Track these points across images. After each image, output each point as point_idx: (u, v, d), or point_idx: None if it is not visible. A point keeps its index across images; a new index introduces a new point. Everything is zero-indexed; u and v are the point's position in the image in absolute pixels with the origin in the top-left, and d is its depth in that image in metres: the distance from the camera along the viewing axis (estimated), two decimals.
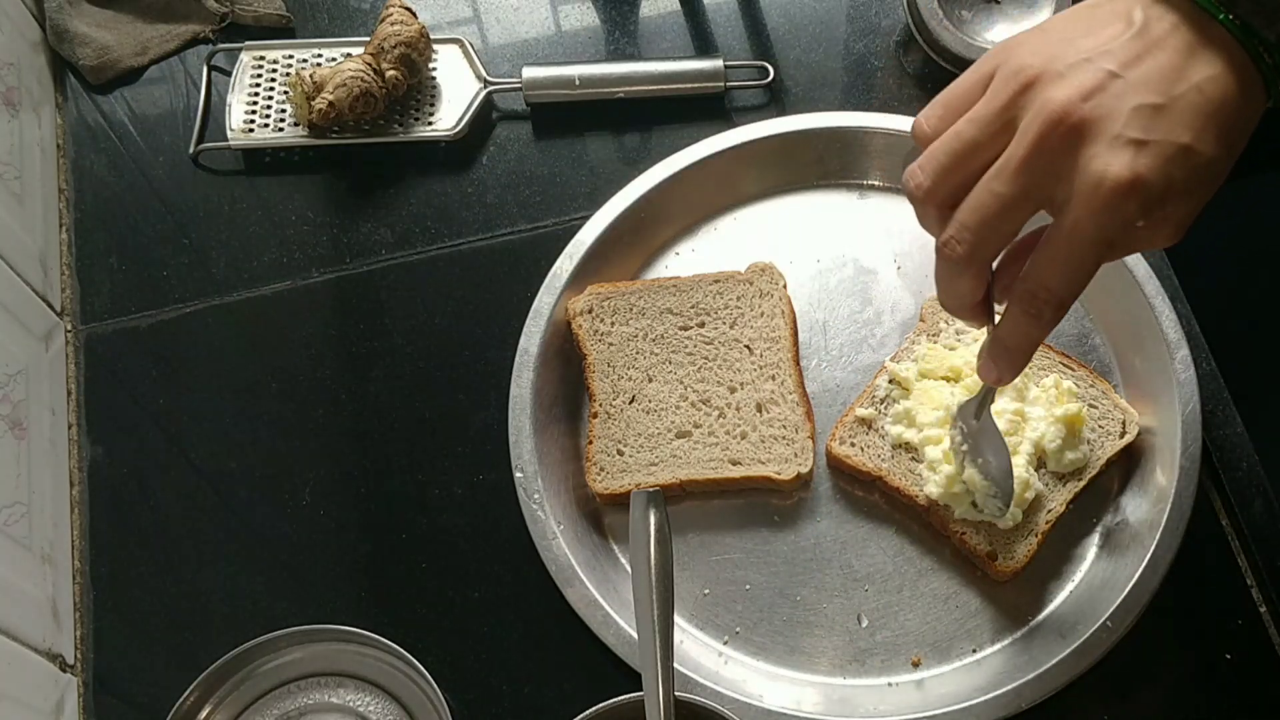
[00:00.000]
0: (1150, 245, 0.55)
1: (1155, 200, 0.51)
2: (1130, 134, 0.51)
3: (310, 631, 0.69)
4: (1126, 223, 0.52)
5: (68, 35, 0.90)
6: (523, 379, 0.77)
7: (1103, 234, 0.52)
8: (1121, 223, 0.52)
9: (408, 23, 0.86)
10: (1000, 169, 0.53)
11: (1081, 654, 0.68)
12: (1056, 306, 0.55)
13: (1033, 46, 0.54)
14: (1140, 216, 0.52)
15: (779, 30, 0.92)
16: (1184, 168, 0.51)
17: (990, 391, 0.67)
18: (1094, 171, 0.51)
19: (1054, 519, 0.72)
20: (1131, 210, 0.51)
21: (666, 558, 0.65)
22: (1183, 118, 0.52)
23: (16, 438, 0.73)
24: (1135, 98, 0.52)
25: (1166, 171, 0.51)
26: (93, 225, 0.86)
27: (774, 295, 0.79)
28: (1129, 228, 0.52)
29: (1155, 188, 0.51)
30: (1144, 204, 0.51)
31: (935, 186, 0.55)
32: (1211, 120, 0.52)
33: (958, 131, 0.55)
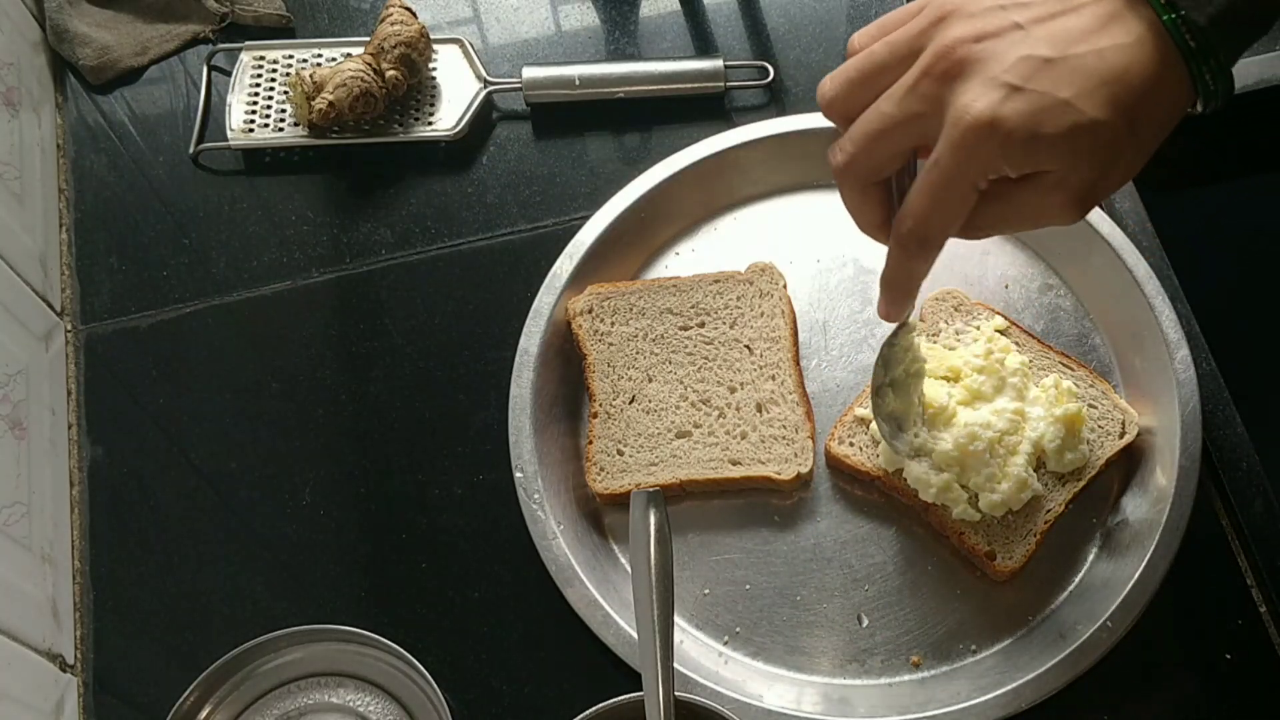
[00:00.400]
0: (1045, 214, 0.56)
1: (1018, 147, 0.52)
2: (1007, 78, 0.52)
3: (310, 631, 0.69)
4: (984, 163, 0.53)
5: (68, 35, 0.90)
6: (523, 379, 0.77)
7: (961, 172, 0.53)
8: (980, 163, 0.53)
9: (408, 23, 0.86)
10: (890, 92, 0.56)
11: (1081, 654, 0.68)
12: (920, 241, 0.57)
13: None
14: (1002, 161, 0.53)
15: (779, 30, 0.92)
16: (1058, 123, 0.52)
17: (896, 329, 0.68)
18: (959, 105, 0.53)
19: (1053, 519, 0.72)
20: (990, 151, 0.52)
21: (666, 558, 0.65)
22: (1070, 75, 0.52)
23: (16, 438, 0.73)
24: (1026, 48, 0.52)
25: (1035, 120, 0.51)
26: (93, 225, 0.86)
27: (774, 295, 0.79)
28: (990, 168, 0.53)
29: (1017, 133, 0.51)
30: (1004, 147, 0.52)
31: (835, 98, 0.58)
32: (1104, 85, 0.52)
33: (871, 51, 0.57)
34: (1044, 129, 0.52)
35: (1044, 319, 0.80)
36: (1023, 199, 0.55)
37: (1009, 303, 0.80)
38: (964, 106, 0.53)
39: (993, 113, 0.52)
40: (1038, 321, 0.80)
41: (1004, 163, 0.53)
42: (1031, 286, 0.81)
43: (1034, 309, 0.80)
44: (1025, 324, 0.78)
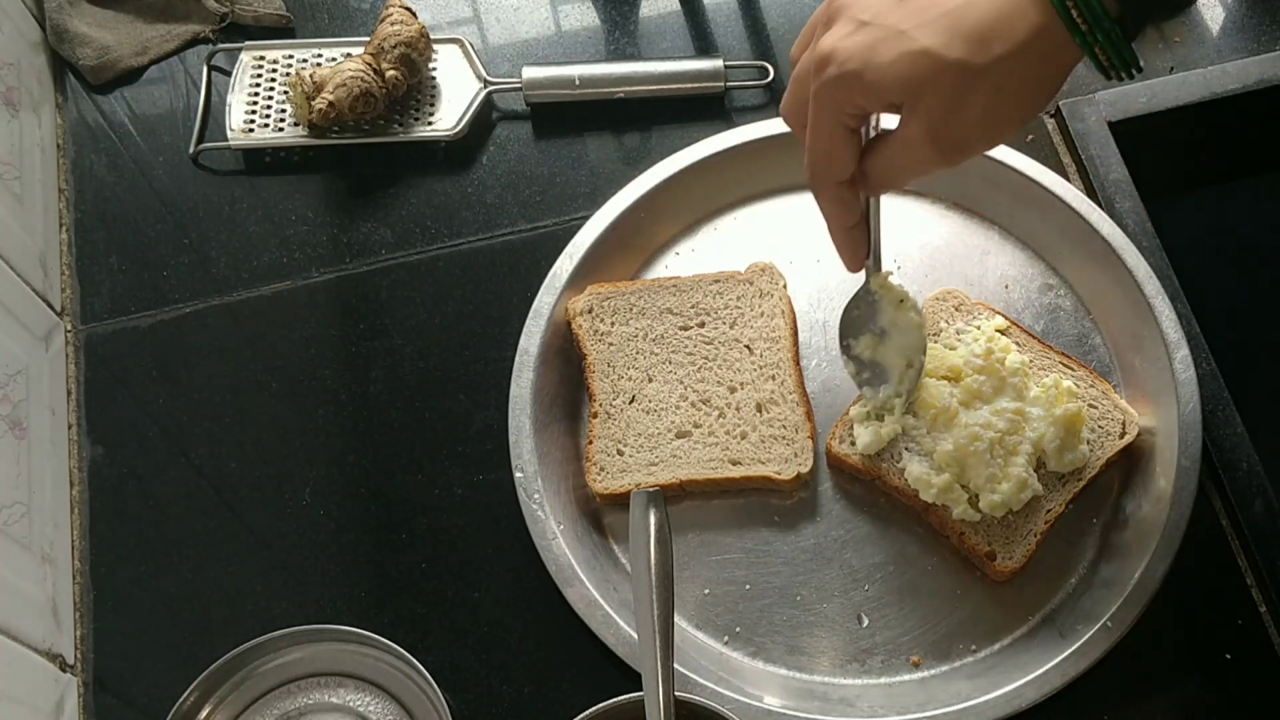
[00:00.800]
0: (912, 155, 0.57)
1: (851, 76, 0.55)
2: (860, 15, 0.55)
3: (310, 631, 0.69)
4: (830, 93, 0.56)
5: (68, 35, 0.90)
6: (523, 379, 0.77)
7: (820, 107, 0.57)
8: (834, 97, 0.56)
9: (408, 23, 0.86)
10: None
11: (1081, 654, 0.68)
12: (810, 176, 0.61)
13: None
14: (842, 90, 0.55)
15: (779, 30, 0.92)
16: (891, 52, 0.53)
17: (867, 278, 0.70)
18: (818, 44, 0.57)
19: (1053, 519, 0.72)
20: (828, 80, 0.55)
21: (666, 558, 0.65)
22: (916, 11, 0.54)
23: (16, 438, 0.73)
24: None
25: (870, 50, 0.54)
26: (93, 225, 0.86)
27: (774, 295, 0.79)
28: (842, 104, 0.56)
29: (850, 62, 0.54)
30: (839, 77, 0.55)
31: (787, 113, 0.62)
32: (945, 16, 0.53)
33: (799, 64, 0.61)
34: (876, 58, 0.54)
35: (1044, 319, 0.80)
36: (890, 143, 0.58)
37: (1009, 303, 0.80)
38: (819, 43, 0.56)
39: (832, 46, 0.55)
40: (1038, 321, 0.80)
41: (848, 94, 0.55)
42: (1031, 286, 0.81)
43: (1034, 309, 0.80)
44: (1025, 324, 0.78)
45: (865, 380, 0.73)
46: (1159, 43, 0.90)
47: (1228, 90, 0.87)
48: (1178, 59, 0.89)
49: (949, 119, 0.55)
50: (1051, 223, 0.81)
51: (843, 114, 0.57)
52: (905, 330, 0.71)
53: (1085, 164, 0.84)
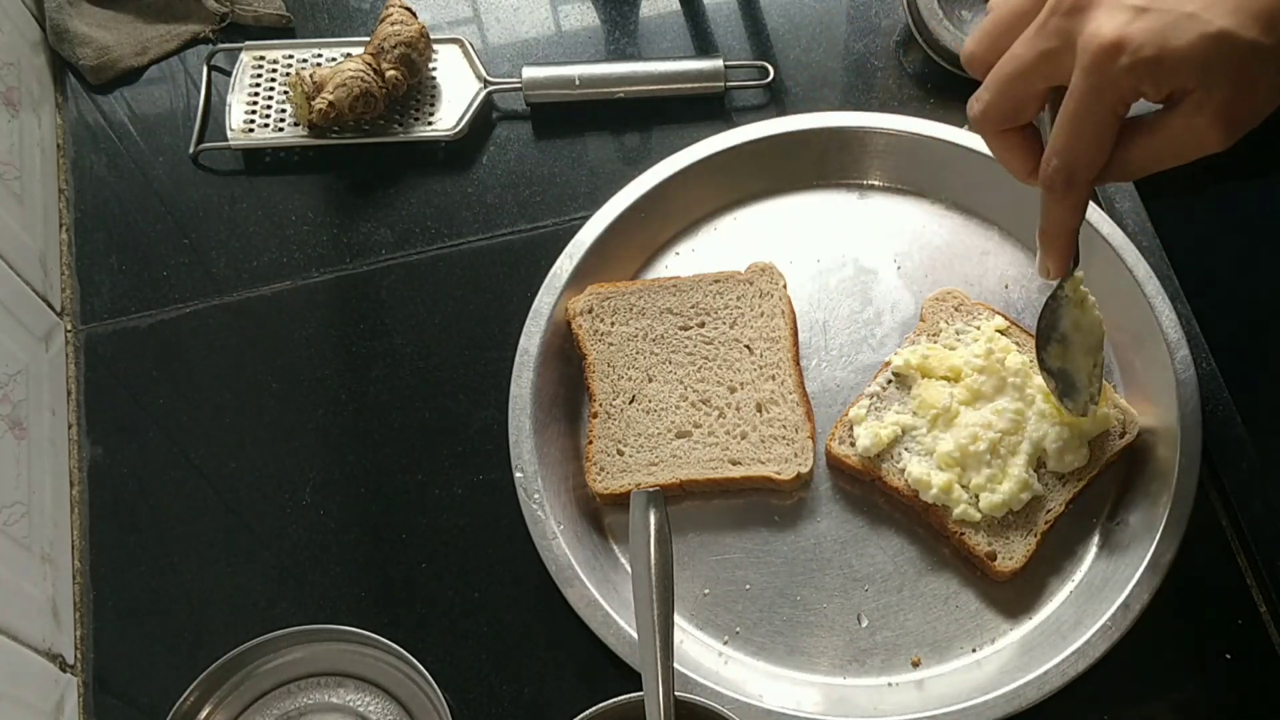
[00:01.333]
0: (1194, 140, 0.55)
1: (1147, 64, 0.52)
2: (1131, 2, 0.53)
3: (310, 631, 0.69)
4: (1118, 86, 0.53)
5: (68, 35, 0.90)
6: (523, 379, 0.77)
7: (1097, 97, 0.54)
8: (1114, 86, 0.54)
9: (408, 23, 0.86)
10: (1022, 35, 0.57)
11: (1081, 654, 0.68)
12: (1066, 178, 0.58)
13: None
14: (1134, 81, 0.53)
15: (779, 30, 0.92)
16: (1185, 35, 0.52)
17: (1061, 281, 0.67)
18: (1088, 32, 0.54)
19: (1053, 519, 0.72)
20: (1122, 73, 0.53)
21: (666, 558, 0.65)
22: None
23: (16, 438, 0.73)
24: None
25: (1162, 35, 0.52)
26: (93, 225, 0.86)
27: (774, 295, 0.79)
28: (1128, 94, 0.54)
29: (1145, 49, 0.52)
30: (1134, 67, 0.53)
31: (975, 52, 0.60)
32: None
33: (1006, 2, 0.59)
34: (1171, 43, 0.52)
35: None
36: (1169, 127, 0.55)
37: (1009, 303, 0.80)
38: (1092, 32, 0.53)
39: (1119, 33, 0.52)
40: None
41: (1137, 82, 0.53)
42: (1031, 286, 0.81)
43: (1034, 309, 0.80)
44: (1025, 324, 0.78)
45: (1059, 391, 0.70)
46: None
47: None
48: None
49: (1240, 99, 0.54)
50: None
51: (1121, 102, 0.55)
52: (1089, 330, 0.69)
53: None
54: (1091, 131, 0.56)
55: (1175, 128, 0.55)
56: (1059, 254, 0.63)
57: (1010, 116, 0.60)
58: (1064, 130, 0.56)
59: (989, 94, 0.59)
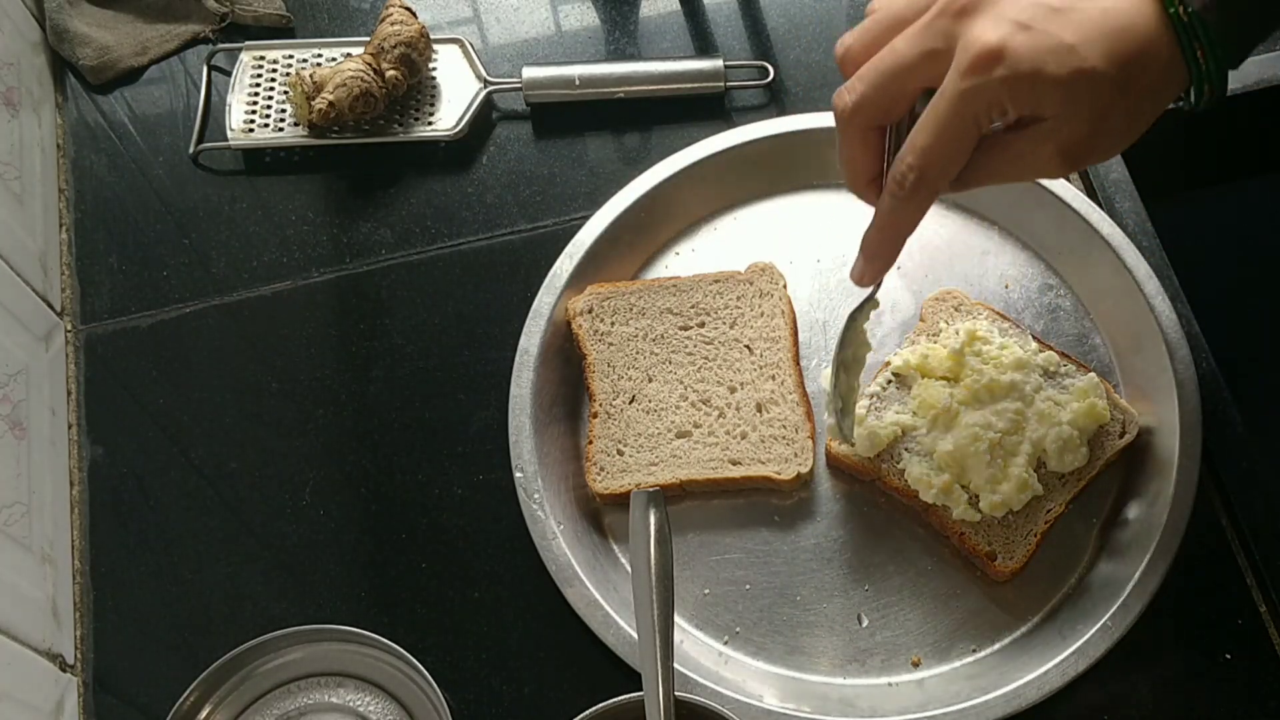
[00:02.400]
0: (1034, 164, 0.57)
1: (1022, 83, 0.53)
2: (1018, 17, 0.54)
3: (310, 631, 0.69)
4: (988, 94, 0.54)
5: (68, 35, 0.90)
6: (523, 379, 0.77)
7: (967, 102, 0.54)
8: (986, 95, 0.54)
9: (408, 23, 0.86)
10: (904, 31, 0.57)
11: (1081, 654, 0.68)
12: (919, 178, 0.57)
13: None
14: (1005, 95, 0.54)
15: (779, 30, 0.92)
16: (1061, 65, 0.53)
17: (866, 300, 0.68)
18: (971, 36, 0.54)
19: (1054, 519, 0.72)
20: (995, 83, 0.54)
21: (666, 558, 0.65)
22: (1076, 24, 0.53)
23: (16, 438, 0.73)
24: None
25: (1039, 56, 0.53)
26: (93, 225, 0.86)
27: (774, 295, 0.79)
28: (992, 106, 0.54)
29: (1022, 65, 0.53)
30: (1008, 81, 0.53)
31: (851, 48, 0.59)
32: (1106, 38, 0.53)
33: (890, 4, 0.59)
34: (1047, 68, 0.53)
35: (1044, 319, 0.80)
36: (1016, 146, 0.57)
37: (1009, 303, 0.80)
38: (975, 36, 0.54)
39: (1002, 42, 0.53)
40: (1038, 321, 0.80)
41: (1007, 97, 0.54)
42: (1031, 286, 0.81)
43: (1034, 309, 0.80)
44: (1025, 324, 0.78)
45: (839, 412, 0.72)
46: None
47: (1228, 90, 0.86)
48: None
49: (1089, 138, 0.55)
50: (1051, 223, 0.81)
51: (987, 112, 0.56)
52: (863, 354, 0.72)
53: None
54: (954, 135, 0.56)
55: (1022, 149, 0.56)
56: (884, 260, 0.63)
57: (881, 113, 0.59)
58: (927, 130, 0.56)
59: (864, 87, 0.58)
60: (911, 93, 0.58)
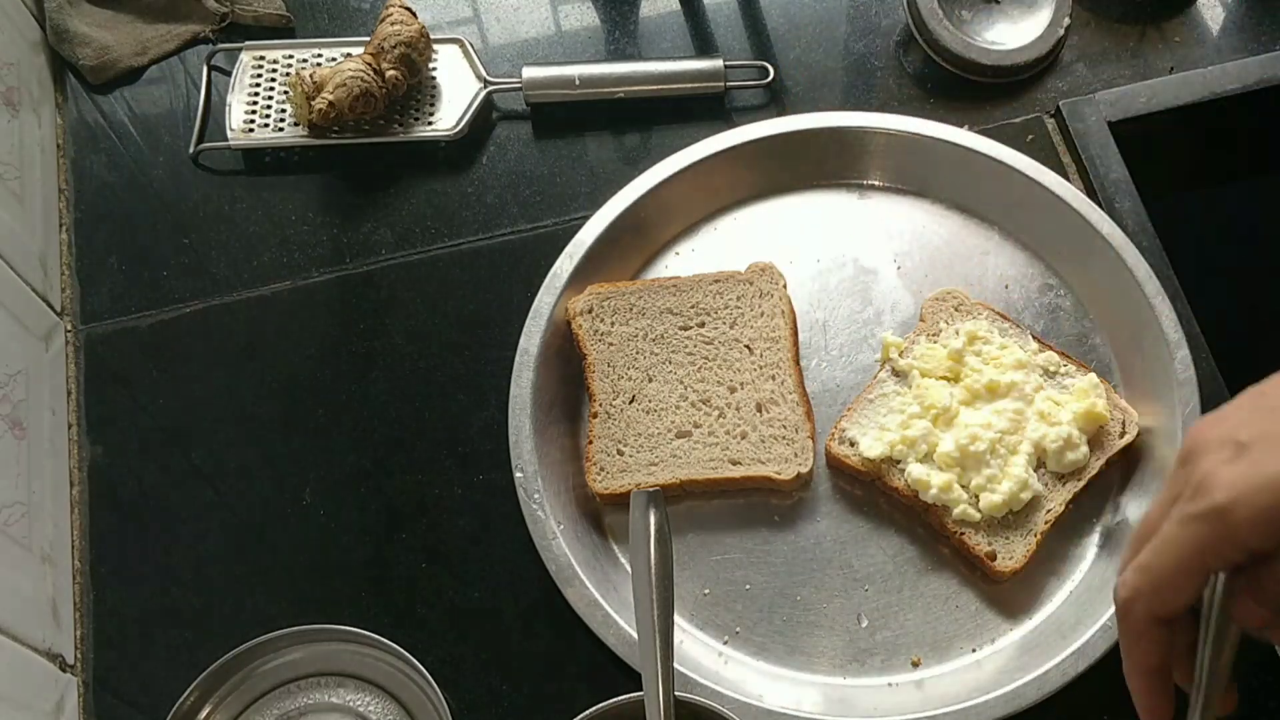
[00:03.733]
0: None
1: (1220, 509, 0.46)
2: (1237, 436, 0.47)
3: (310, 631, 0.69)
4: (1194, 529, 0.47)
5: (68, 35, 0.90)
6: (523, 379, 0.77)
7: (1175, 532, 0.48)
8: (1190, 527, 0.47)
9: (408, 23, 0.86)
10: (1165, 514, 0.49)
11: (1081, 654, 0.68)
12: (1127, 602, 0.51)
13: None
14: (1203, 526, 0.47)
15: (779, 30, 0.92)
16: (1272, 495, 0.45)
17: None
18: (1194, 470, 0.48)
19: (1054, 519, 0.72)
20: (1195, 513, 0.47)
21: (666, 558, 0.65)
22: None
23: (16, 438, 0.73)
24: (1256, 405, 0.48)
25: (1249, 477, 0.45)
26: (93, 225, 0.86)
27: (774, 295, 0.79)
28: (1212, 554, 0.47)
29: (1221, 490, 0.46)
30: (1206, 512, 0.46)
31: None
32: None
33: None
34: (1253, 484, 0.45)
35: (1044, 319, 0.80)
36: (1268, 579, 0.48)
37: (1009, 303, 0.80)
38: (1194, 469, 0.47)
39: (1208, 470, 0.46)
40: (1038, 321, 0.80)
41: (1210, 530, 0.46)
42: (1031, 286, 0.81)
43: (1034, 309, 0.80)
44: (1025, 324, 0.78)
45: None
46: (1159, 43, 0.90)
47: (1228, 90, 0.87)
48: (1178, 59, 0.89)
49: None
50: (1051, 223, 0.81)
51: (1210, 552, 0.47)
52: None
53: (1085, 164, 0.84)
54: (1179, 579, 0.48)
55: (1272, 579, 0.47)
56: (1140, 696, 0.55)
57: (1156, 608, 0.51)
58: (1150, 572, 0.49)
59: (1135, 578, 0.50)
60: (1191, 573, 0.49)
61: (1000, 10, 0.89)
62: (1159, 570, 0.49)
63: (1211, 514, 0.46)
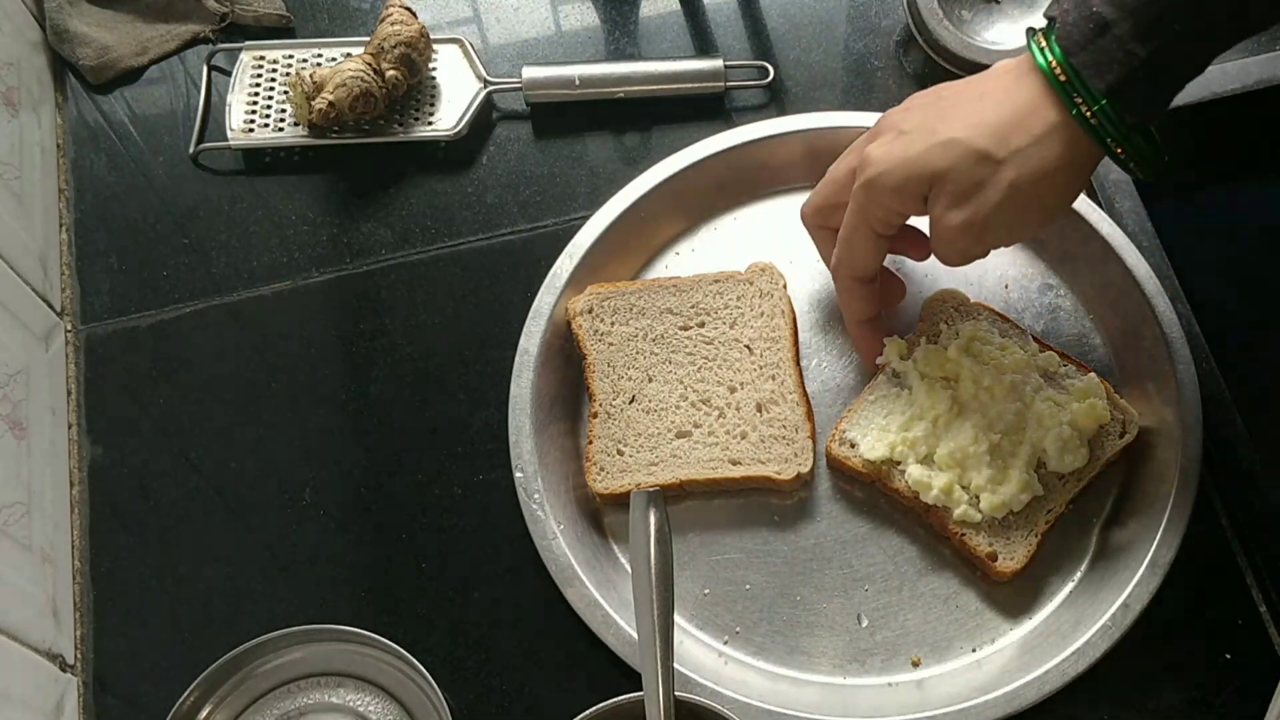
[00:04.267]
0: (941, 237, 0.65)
1: (883, 175, 0.64)
2: (900, 126, 0.64)
3: (310, 631, 0.69)
4: (865, 196, 0.65)
5: (68, 35, 0.90)
6: (523, 379, 0.77)
7: (853, 208, 0.67)
8: (862, 196, 0.65)
9: (408, 23, 0.86)
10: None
11: (1081, 654, 0.68)
12: (834, 274, 0.73)
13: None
14: (885, 198, 0.64)
15: (779, 30, 0.92)
16: (922, 144, 0.62)
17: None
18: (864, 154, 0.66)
19: (1054, 519, 0.72)
20: (862, 182, 0.65)
21: (666, 558, 0.65)
22: (946, 112, 0.63)
23: (16, 438, 0.73)
24: (927, 108, 0.64)
25: (905, 149, 0.63)
26: (93, 225, 0.86)
27: (774, 295, 0.79)
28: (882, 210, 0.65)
29: (881, 162, 0.64)
30: (871, 180, 0.64)
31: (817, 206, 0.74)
32: (974, 115, 0.61)
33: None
34: (909, 152, 0.63)
35: (1044, 319, 0.80)
36: (932, 227, 0.65)
37: (1009, 303, 0.80)
38: (866, 154, 0.65)
39: (869, 152, 0.64)
40: (1038, 321, 0.80)
41: (878, 195, 0.65)
42: (1031, 286, 0.81)
43: (1034, 309, 0.80)
44: (1025, 324, 0.78)
45: None
46: None
47: (1228, 90, 0.87)
48: None
49: (972, 202, 0.62)
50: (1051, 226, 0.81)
51: (872, 218, 0.66)
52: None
53: None
54: (852, 236, 0.68)
55: (932, 230, 0.65)
56: (859, 342, 0.76)
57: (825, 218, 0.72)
58: (842, 232, 0.69)
59: (815, 198, 0.72)
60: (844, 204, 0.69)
61: (1000, 10, 0.88)
62: (846, 239, 0.69)
63: (866, 184, 0.65)
